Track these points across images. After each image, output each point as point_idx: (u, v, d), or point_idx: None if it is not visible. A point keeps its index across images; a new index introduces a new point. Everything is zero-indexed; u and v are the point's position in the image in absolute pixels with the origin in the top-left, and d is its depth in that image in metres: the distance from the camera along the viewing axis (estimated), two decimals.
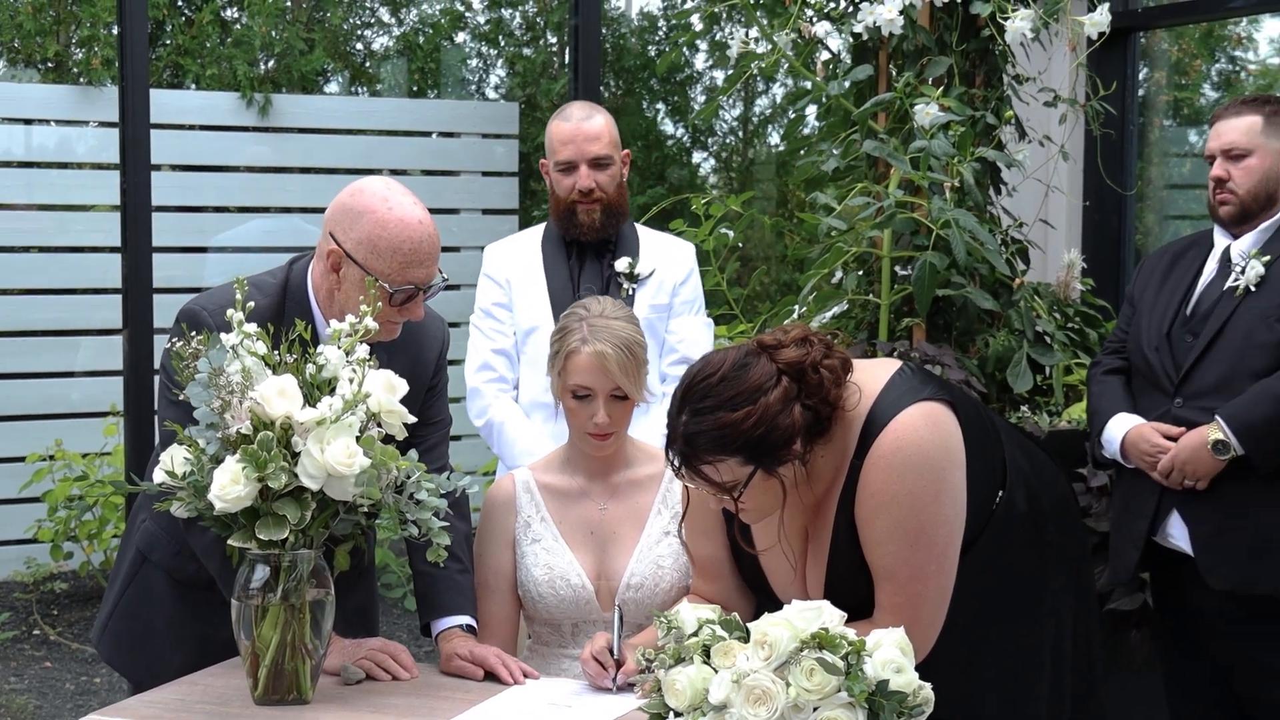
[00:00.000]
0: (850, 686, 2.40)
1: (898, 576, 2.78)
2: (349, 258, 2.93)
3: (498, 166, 7.84)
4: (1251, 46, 8.52)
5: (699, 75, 8.81)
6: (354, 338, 2.77)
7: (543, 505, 3.24)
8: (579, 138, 3.97)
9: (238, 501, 2.61)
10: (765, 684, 2.44)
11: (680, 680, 2.55)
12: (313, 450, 2.63)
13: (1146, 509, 3.82)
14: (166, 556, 3.15)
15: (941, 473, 2.76)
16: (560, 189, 4.00)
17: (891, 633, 2.52)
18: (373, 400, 2.71)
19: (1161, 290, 3.96)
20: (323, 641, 2.79)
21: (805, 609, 2.52)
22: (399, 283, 2.91)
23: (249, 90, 7.34)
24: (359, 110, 7.98)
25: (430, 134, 7.87)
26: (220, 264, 7.30)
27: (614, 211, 4.01)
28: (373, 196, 2.94)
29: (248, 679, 2.78)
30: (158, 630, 3.16)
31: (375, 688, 2.90)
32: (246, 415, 2.66)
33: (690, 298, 4.07)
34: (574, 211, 3.97)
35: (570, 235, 4.03)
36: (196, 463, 2.67)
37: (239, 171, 7.53)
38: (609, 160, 3.98)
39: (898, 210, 4.29)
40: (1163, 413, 3.81)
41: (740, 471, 2.69)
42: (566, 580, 3.17)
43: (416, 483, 2.74)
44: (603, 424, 3.12)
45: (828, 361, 2.74)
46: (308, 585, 2.75)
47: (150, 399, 4.90)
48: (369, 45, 8.43)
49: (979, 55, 4.64)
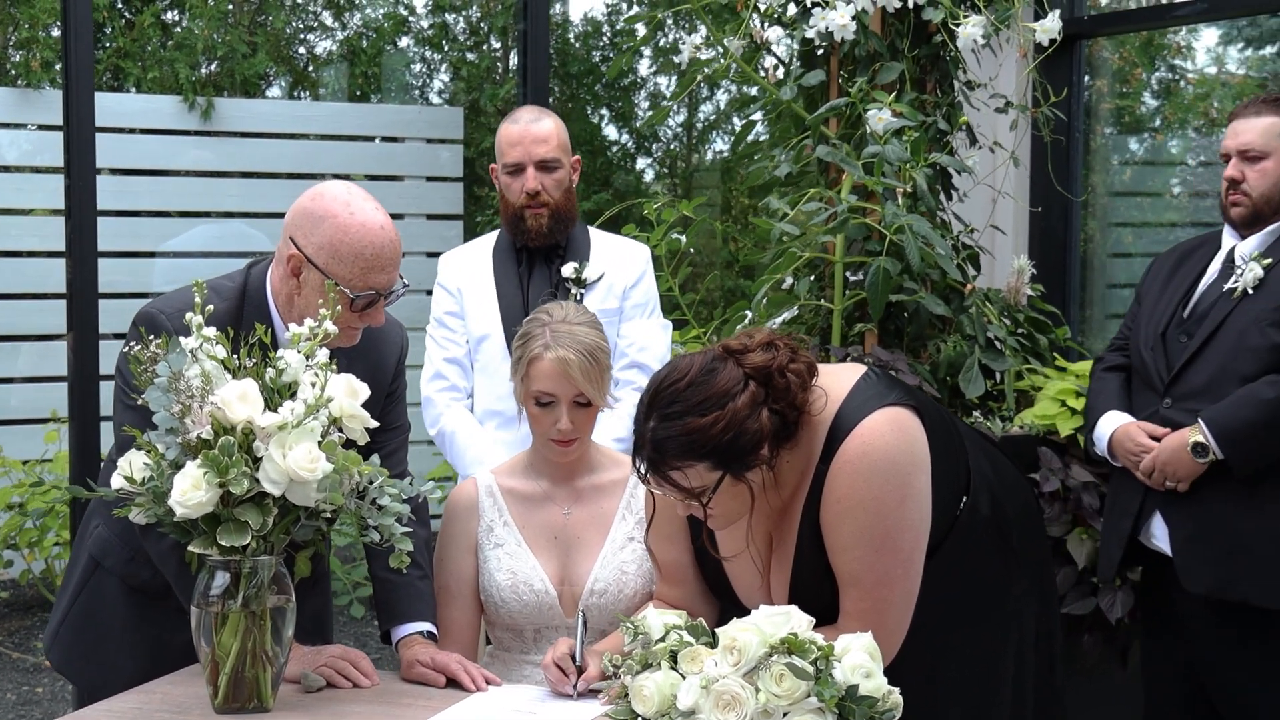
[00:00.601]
0: (820, 692, 2.40)
1: (863, 582, 2.78)
2: (310, 262, 2.89)
3: (442, 172, 7.79)
4: (1190, 55, 8.62)
5: (643, 81, 8.80)
6: (313, 341, 2.74)
7: (505, 509, 3.21)
8: (526, 140, 3.95)
9: (199, 507, 2.57)
10: (734, 689, 2.43)
11: (648, 686, 2.54)
12: (275, 455, 2.60)
13: (1131, 508, 3.83)
14: (120, 563, 3.10)
15: (907, 478, 2.76)
16: (509, 193, 3.98)
17: (860, 638, 2.51)
18: (335, 405, 2.68)
19: (1165, 289, 3.94)
20: (283, 649, 2.76)
21: (773, 614, 2.51)
22: (360, 288, 2.88)
23: (191, 94, 7.27)
24: (302, 115, 7.91)
25: (374, 139, 7.82)
26: (168, 270, 7.22)
27: (562, 216, 3.99)
28: (334, 201, 2.91)
29: (208, 687, 2.74)
30: (110, 637, 3.12)
31: (336, 695, 2.86)
32: (207, 420, 2.62)
33: (642, 300, 4.04)
34: (522, 217, 3.95)
35: (519, 241, 4.00)
36: (156, 468, 2.63)
37: (181, 176, 7.45)
38: (557, 164, 3.97)
39: (850, 216, 4.30)
40: (1152, 412, 3.81)
41: (709, 477, 2.68)
42: (530, 585, 3.14)
43: (380, 488, 2.72)
44: (565, 430, 3.10)
45: (794, 366, 2.74)
46: (268, 592, 2.72)
47: (97, 405, 4.85)
48: (312, 49, 8.36)
49: (930, 61, 4.65)
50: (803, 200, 4.45)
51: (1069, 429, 4.37)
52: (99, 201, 4.86)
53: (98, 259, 4.85)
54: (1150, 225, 7.87)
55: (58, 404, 6.90)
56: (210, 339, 2.68)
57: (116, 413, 2.98)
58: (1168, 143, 8.36)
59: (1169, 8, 5.77)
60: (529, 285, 3.99)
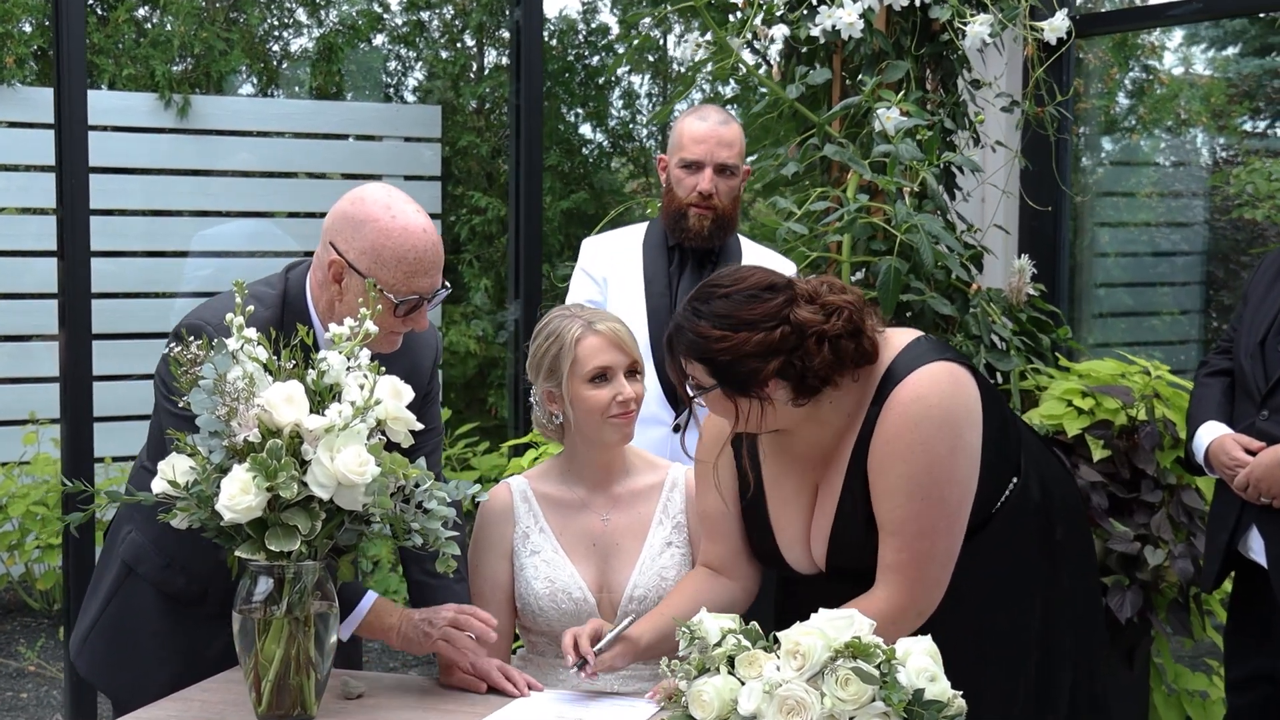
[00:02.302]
0: (888, 696, 2.38)
1: (905, 531, 2.74)
2: (352, 268, 2.85)
3: (420, 170, 7.73)
4: (1158, 56, 8.68)
5: (617, 80, 8.77)
6: (354, 341, 2.69)
7: (541, 515, 3.17)
8: (712, 140, 3.91)
9: (248, 512, 2.52)
10: (799, 694, 2.41)
11: (707, 691, 2.51)
12: (323, 459, 2.55)
13: (1229, 519, 3.80)
14: (154, 570, 3.05)
15: (959, 429, 2.73)
16: (679, 188, 3.92)
17: (920, 641, 2.50)
18: (380, 407, 2.64)
19: (1269, 294, 3.86)
20: (326, 656, 2.71)
21: (836, 617, 2.49)
22: (404, 292, 2.84)
23: (167, 91, 7.18)
24: (281, 112, 7.83)
25: (351, 137, 7.75)
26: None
27: (725, 223, 3.94)
28: (375, 204, 2.86)
29: (250, 694, 2.69)
30: (142, 646, 3.06)
31: (380, 703, 2.82)
32: (254, 422, 2.57)
33: None
34: (686, 215, 3.90)
35: (676, 239, 3.95)
36: (202, 472, 2.58)
37: (158, 174, 7.35)
38: (735, 170, 3.94)
39: (859, 215, 4.29)
40: (1249, 424, 3.76)
41: (705, 379, 2.73)
42: (568, 594, 3.11)
43: (427, 492, 2.67)
44: (628, 396, 3.06)
45: (843, 342, 2.71)
46: (312, 597, 2.67)
47: (89, 405, 4.78)
48: (286, 47, 8.28)
49: (933, 60, 4.65)
50: (810, 199, 4.44)
51: (1076, 429, 4.37)
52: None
53: (90, 258, 4.78)
54: (1126, 225, 7.93)
55: (35, 405, 6.81)
56: (251, 340, 2.64)
57: (159, 417, 2.93)
58: (1142, 142, 8.41)
59: (1164, 7, 5.78)
60: (679, 286, 3.94)
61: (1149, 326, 7.91)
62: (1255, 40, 8.75)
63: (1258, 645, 3.89)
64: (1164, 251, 8.04)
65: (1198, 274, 7.99)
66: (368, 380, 2.62)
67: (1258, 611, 3.85)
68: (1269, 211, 6.75)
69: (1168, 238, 8.03)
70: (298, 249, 7.36)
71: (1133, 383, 4.54)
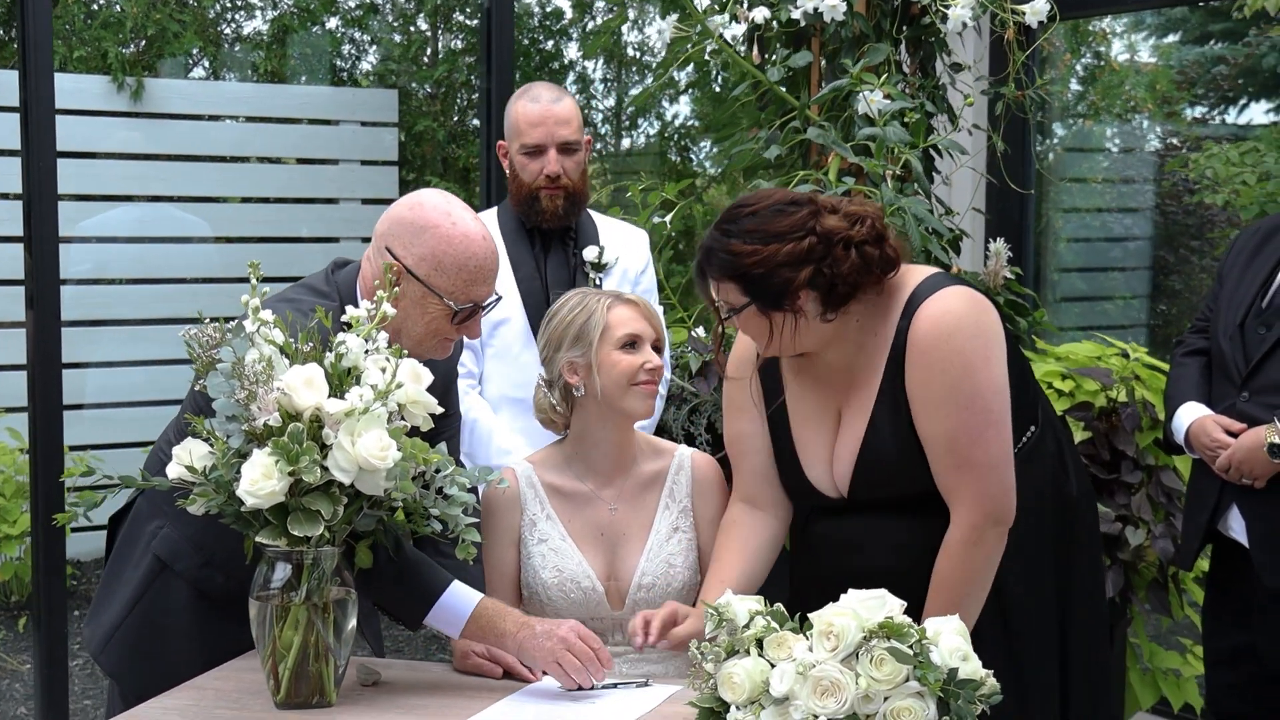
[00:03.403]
0: (924, 676, 2.38)
1: (957, 443, 2.79)
2: (410, 274, 2.83)
3: (377, 155, 7.66)
4: (1108, 43, 8.76)
5: (570, 65, 8.74)
6: (372, 325, 2.66)
7: (547, 503, 3.15)
8: (549, 120, 3.85)
9: (271, 497, 2.48)
10: (834, 675, 2.40)
11: (738, 673, 2.50)
12: (344, 443, 2.52)
13: (1209, 499, 3.82)
14: (192, 568, 2.98)
15: (990, 342, 2.80)
16: (524, 174, 3.88)
17: (950, 621, 2.50)
18: (400, 390, 2.61)
19: (1246, 272, 3.88)
20: (344, 643, 2.67)
21: (868, 598, 2.49)
22: (462, 300, 2.84)
23: (120, 74, 7.06)
24: (236, 95, 7.73)
25: (309, 121, 7.66)
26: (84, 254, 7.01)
27: (577, 199, 3.92)
28: (435, 211, 2.86)
29: (268, 681, 2.65)
30: (172, 644, 2.99)
31: (397, 689, 2.79)
32: (274, 406, 2.53)
33: (649, 286, 4.01)
34: (537, 198, 3.86)
35: (531, 222, 3.91)
36: (222, 457, 2.54)
37: (111, 158, 7.23)
38: (578, 145, 3.89)
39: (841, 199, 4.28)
40: (1229, 405, 3.78)
41: (737, 299, 2.81)
42: (577, 583, 3.09)
43: (449, 477, 2.64)
44: (657, 364, 3.08)
45: (868, 248, 2.78)
46: (330, 584, 2.64)
47: (59, 393, 4.71)
48: (239, 29, 8.18)
49: (913, 44, 4.65)
50: (793, 183, 4.43)
51: (1057, 411, 4.38)
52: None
53: (58, 244, 4.70)
54: (1079, 211, 8.00)
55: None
56: (267, 322, 2.60)
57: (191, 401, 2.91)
58: (1094, 129, 8.49)
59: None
60: (546, 268, 3.92)
61: (1101, 311, 7.99)
62: (1195, 29, 8.85)
63: (1235, 621, 3.93)
64: (1116, 237, 8.12)
65: (1147, 259, 8.08)
66: (389, 364, 2.59)
67: (1237, 589, 3.89)
68: (1228, 196, 6.82)
69: (1120, 222, 8.11)
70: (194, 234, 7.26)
71: (1111, 365, 4.57)
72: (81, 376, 6.93)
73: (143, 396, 7.01)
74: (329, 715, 2.62)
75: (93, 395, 7.02)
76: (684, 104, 8.71)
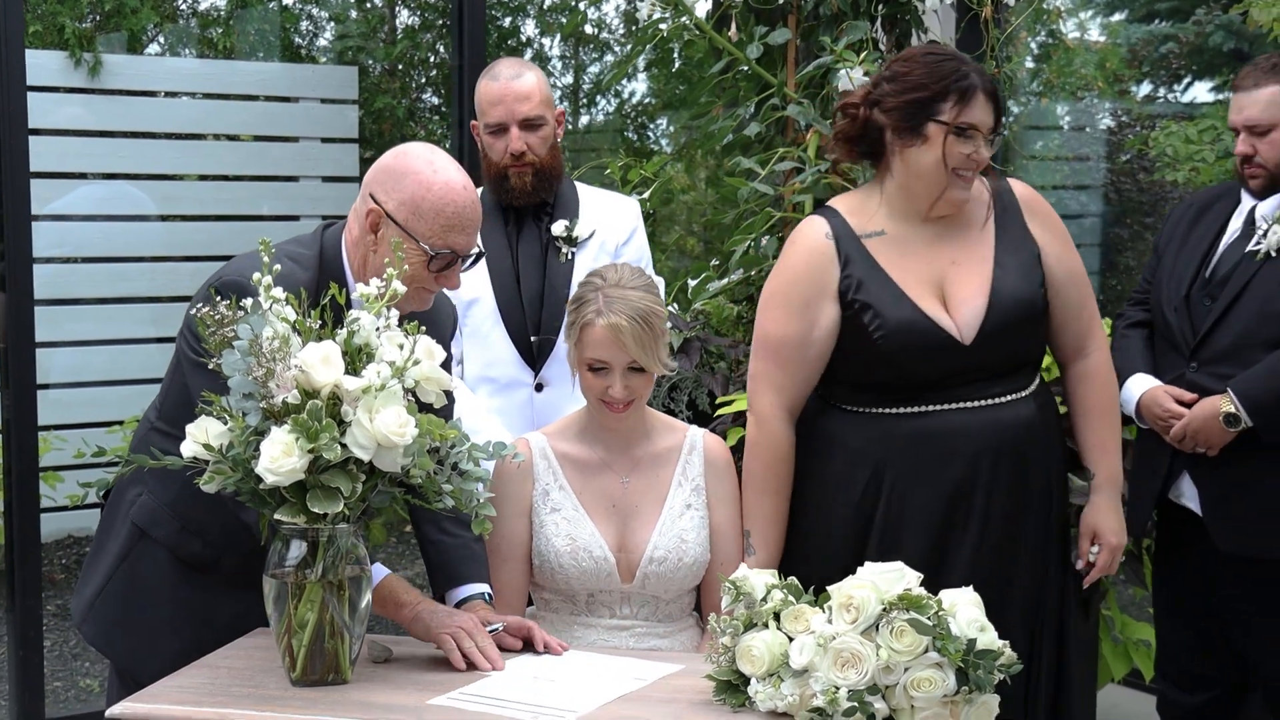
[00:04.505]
0: (944, 646, 2.41)
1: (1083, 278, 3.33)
2: (389, 219, 2.84)
3: (338, 132, 7.60)
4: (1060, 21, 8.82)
5: (529, 42, 8.72)
6: (383, 300, 2.65)
7: (560, 473, 3.17)
8: (509, 98, 3.80)
9: (291, 474, 2.47)
10: (855, 647, 2.43)
11: (757, 646, 2.53)
12: (363, 420, 2.52)
13: (1160, 468, 3.88)
14: (169, 533, 2.98)
15: None
16: (492, 153, 3.85)
17: (964, 593, 2.54)
18: (417, 367, 2.60)
19: (1185, 245, 3.95)
20: (358, 620, 2.68)
21: (887, 570, 2.52)
22: (439, 245, 2.83)
23: (78, 50, 6.97)
24: (196, 72, 7.63)
25: (265, 98, 7.59)
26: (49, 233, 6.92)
27: (547, 174, 3.87)
28: (417, 159, 2.86)
29: (283, 659, 2.65)
30: (153, 612, 3.00)
31: (411, 664, 2.79)
32: (292, 384, 2.53)
33: (634, 258, 3.94)
34: (505, 176, 3.83)
35: (503, 200, 3.89)
36: (240, 435, 2.53)
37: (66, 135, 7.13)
38: (541, 120, 3.83)
39: (823, 176, 4.32)
40: (1178, 376, 3.83)
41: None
42: (589, 552, 3.11)
43: (465, 453, 2.65)
44: (616, 396, 3.06)
45: None
46: (345, 561, 2.64)
47: (33, 373, 4.68)
48: (195, 4, 8.10)
49: (889, 21, 4.68)
50: (774, 160, 4.45)
51: None
52: None
53: (31, 222, 4.66)
54: (1038, 189, 8.05)
55: None
56: (279, 300, 2.59)
57: (177, 375, 2.89)
58: (1049, 107, 8.56)
59: None
60: (518, 245, 3.90)
61: None
62: (1142, 7, 8.95)
63: (1185, 581, 4.01)
64: (1071, 214, 8.20)
65: (1099, 236, 8.16)
66: (407, 340, 2.59)
67: (1187, 556, 3.96)
68: (1188, 174, 6.91)
69: (1076, 199, 8.19)
70: (154, 211, 7.19)
71: None
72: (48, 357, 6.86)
73: (102, 376, 6.94)
74: (345, 692, 2.62)
75: (56, 376, 6.95)
76: (641, 82, 8.73)
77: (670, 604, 3.16)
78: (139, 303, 6.94)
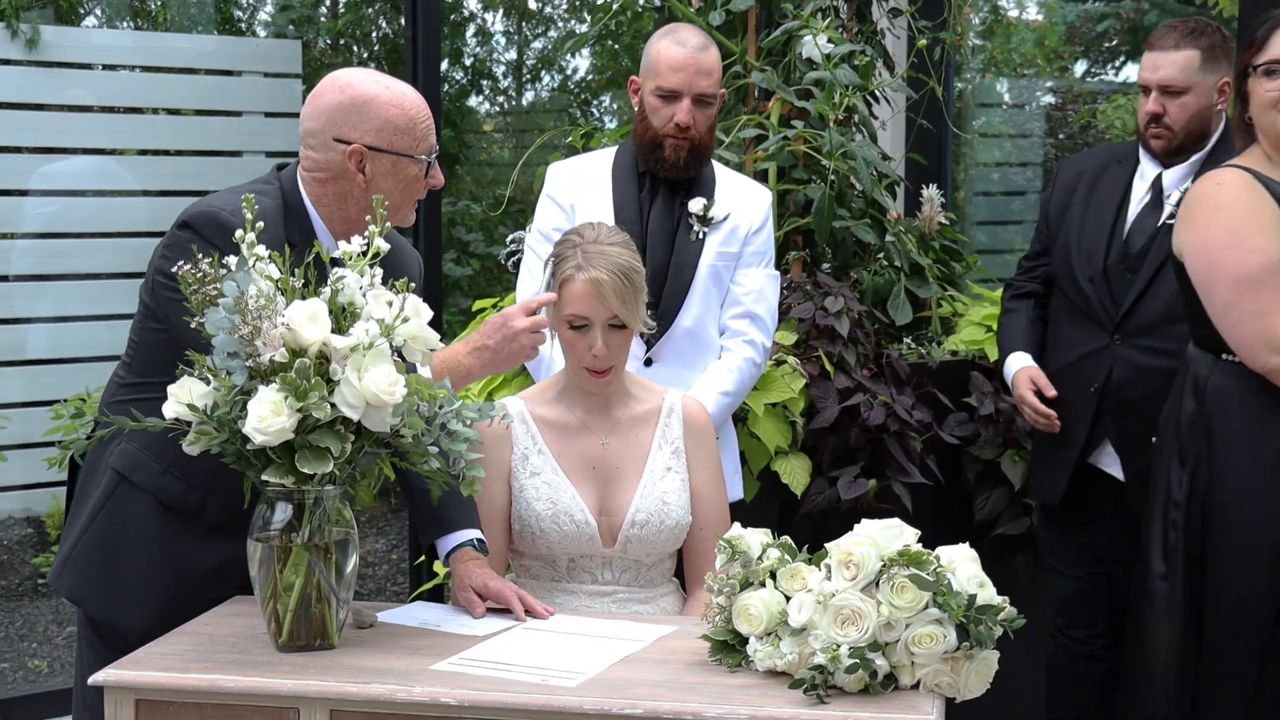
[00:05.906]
0: (945, 602, 2.39)
1: None
2: (374, 150, 2.85)
3: (282, 107, 7.49)
4: None
5: (472, 16, 8.63)
6: (365, 259, 2.60)
7: (539, 437, 3.12)
8: (692, 68, 3.66)
9: (280, 434, 2.42)
10: (855, 604, 2.41)
11: (754, 605, 2.50)
12: (351, 378, 2.47)
13: (1079, 434, 3.90)
14: (150, 476, 2.90)
15: None
16: (654, 117, 3.70)
17: (962, 549, 2.52)
18: (405, 325, 2.55)
19: (1087, 212, 3.93)
20: (344, 585, 2.62)
21: (886, 527, 2.50)
22: (426, 151, 2.89)
23: (14, 20, 6.82)
24: (138, 45, 7.49)
25: (206, 71, 7.47)
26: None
27: (701, 153, 3.75)
28: (366, 86, 2.88)
29: (269, 625, 2.60)
30: (130, 560, 2.91)
31: (396, 631, 2.75)
32: (279, 342, 2.47)
33: (762, 248, 3.82)
34: (661, 145, 3.70)
35: (649, 167, 3.76)
36: (225, 394, 2.47)
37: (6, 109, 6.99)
38: (713, 99, 3.73)
39: (786, 143, 4.30)
40: (1101, 348, 3.84)
41: None
42: (570, 516, 3.06)
43: (454, 413, 2.60)
44: (600, 354, 3.02)
45: None
46: (332, 524, 2.59)
47: None
48: None
49: None
50: (737, 127, 4.43)
51: (997, 353, 4.44)
52: None
53: None
54: (981, 165, 8.09)
55: None
56: (262, 256, 2.53)
57: (143, 327, 2.89)
58: (992, 83, 8.59)
59: None
60: (649, 215, 3.78)
61: (1002, 262, 8.10)
62: None
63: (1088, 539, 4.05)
64: (1015, 190, 8.24)
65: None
66: (396, 298, 2.54)
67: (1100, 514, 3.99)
68: None
69: (1023, 174, 8.23)
70: (137, 187, 7.08)
71: None
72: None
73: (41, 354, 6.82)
74: (332, 657, 2.57)
75: None
76: (584, 57, 8.66)
77: (651, 569, 3.13)
78: (78, 279, 6.82)
